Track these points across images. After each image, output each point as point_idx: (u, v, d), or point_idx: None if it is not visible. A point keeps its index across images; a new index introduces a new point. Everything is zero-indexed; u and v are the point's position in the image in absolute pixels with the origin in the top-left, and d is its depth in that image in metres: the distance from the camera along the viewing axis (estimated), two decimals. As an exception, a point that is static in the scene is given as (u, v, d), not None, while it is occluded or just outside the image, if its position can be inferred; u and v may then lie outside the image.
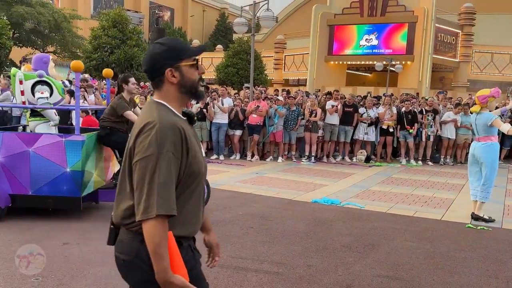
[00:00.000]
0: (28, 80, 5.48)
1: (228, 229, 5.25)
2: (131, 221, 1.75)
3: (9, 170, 5.23)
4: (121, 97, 5.89)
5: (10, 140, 5.22)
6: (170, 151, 1.67)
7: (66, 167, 5.21)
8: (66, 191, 5.23)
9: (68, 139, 5.22)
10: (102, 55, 20.84)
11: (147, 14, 40.76)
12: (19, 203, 5.29)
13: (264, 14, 11.97)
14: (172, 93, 1.83)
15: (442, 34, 28.76)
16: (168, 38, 1.94)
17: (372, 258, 4.51)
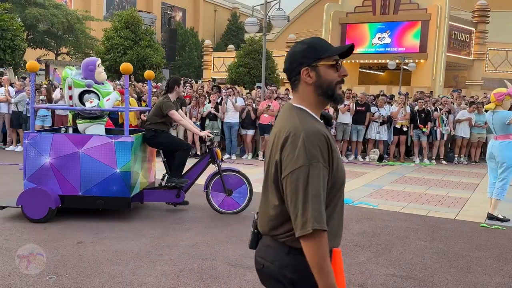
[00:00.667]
0: (76, 88, 5.52)
1: (240, 228, 5.27)
2: (278, 233, 1.72)
3: (59, 171, 5.31)
4: (167, 97, 5.92)
5: (60, 141, 5.31)
6: (319, 161, 1.60)
7: (116, 168, 5.30)
8: (116, 192, 5.31)
9: (118, 140, 5.32)
10: (115, 56, 21.00)
11: (159, 15, 40.97)
12: (68, 204, 5.37)
13: (275, 13, 11.94)
14: (309, 95, 1.75)
15: (455, 32, 28.44)
16: (312, 37, 1.86)
17: (385, 258, 4.48)
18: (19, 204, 5.22)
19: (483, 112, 11.76)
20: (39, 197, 5.18)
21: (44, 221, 5.19)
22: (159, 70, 21.87)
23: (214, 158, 5.90)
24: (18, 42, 15.69)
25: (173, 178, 5.78)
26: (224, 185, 5.89)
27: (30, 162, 5.33)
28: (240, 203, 5.94)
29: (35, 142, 5.32)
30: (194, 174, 5.98)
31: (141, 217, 5.58)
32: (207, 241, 4.78)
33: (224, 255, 4.37)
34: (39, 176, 5.32)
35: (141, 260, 4.15)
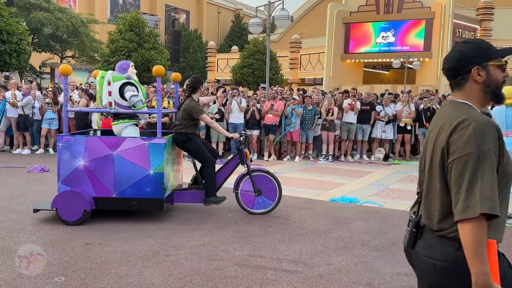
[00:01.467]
0: (116, 82, 5.54)
1: (246, 229, 5.28)
2: (446, 226, 1.71)
3: (93, 174, 5.36)
4: (193, 100, 5.88)
5: (94, 144, 5.36)
6: (490, 149, 1.61)
7: (150, 170, 5.34)
8: (150, 193, 5.35)
9: (151, 142, 5.35)
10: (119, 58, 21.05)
11: (163, 17, 41.10)
12: (102, 206, 5.40)
13: (279, 14, 11.95)
14: (475, 93, 1.80)
15: (460, 30, 28.35)
16: (476, 38, 1.97)
17: (392, 256, 4.48)
18: (54, 207, 5.26)
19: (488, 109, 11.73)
20: (74, 200, 5.24)
21: (79, 224, 5.22)
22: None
23: (243, 159, 5.94)
24: (23, 46, 15.81)
25: (210, 198, 5.78)
26: (254, 185, 5.92)
27: (64, 165, 5.38)
28: (270, 203, 5.97)
29: (69, 145, 5.36)
30: (223, 174, 5.99)
31: (148, 218, 5.61)
32: (214, 241, 4.79)
33: (231, 255, 4.38)
34: (73, 178, 5.37)
35: (148, 261, 4.18)
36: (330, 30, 29.89)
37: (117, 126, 5.76)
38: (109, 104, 5.56)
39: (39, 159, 10.19)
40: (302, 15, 41.93)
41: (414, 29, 28.21)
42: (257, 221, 5.61)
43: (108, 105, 5.57)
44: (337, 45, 29.86)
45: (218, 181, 5.96)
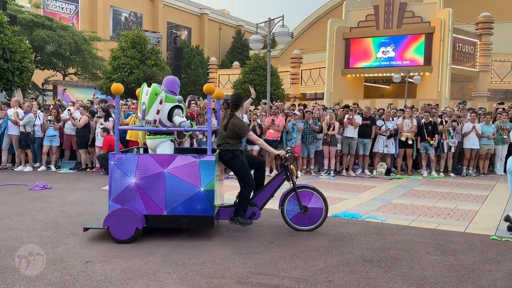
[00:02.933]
0: (168, 103, 5.56)
1: (248, 245, 5.25)
2: None
3: (144, 191, 5.36)
4: (237, 117, 5.81)
5: (145, 162, 5.36)
6: None
7: (200, 187, 5.35)
8: (200, 210, 5.35)
9: (202, 159, 5.36)
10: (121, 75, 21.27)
11: (165, 34, 41.52)
12: (153, 224, 5.39)
13: (279, 30, 12.06)
14: None
15: (460, 44, 28.51)
16: None
17: (395, 272, 4.44)
18: (106, 225, 5.26)
19: (490, 123, 11.74)
20: (126, 218, 5.24)
21: (130, 242, 5.21)
22: (165, 88, 22.03)
23: (289, 176, 5.90)
24: (26, 64, 15.93)
25: (238, 217, 5.74)
26: (300, 201, 5.88)
27: (115, 183, 5.37)
28: (316, 220, 5.92)
29: (121, 163, 5.36)
30: (269, 191, 5.91)
31: (149, 235, 5.58)
32: (215, 258, 4.76)
33: (232, 273, 4.34)
34: (124, 196, 5.36)
35: (149, 279, 4.14)
36: (331, 46, 30.12)
37: (153, 141, 5.75)
38: (154, 121, 5.58)
39: (41, 177, 10.20)
40: (302, 31, 42.28)
41: (414, 44, 28.40)
42: (259, 238, 5.58)
43: (153, 122, 5.59)
44: (337, 60, 30.04)
45: (263, 198, 5.88)
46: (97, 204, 7.49)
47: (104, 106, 12.09)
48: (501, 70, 29.64)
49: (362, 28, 29.73)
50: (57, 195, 8.19)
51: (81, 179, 10.29)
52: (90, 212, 6.84)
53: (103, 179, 10.15)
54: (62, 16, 35.65)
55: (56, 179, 10.03)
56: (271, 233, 5.81)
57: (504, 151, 11.90)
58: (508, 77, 29.62)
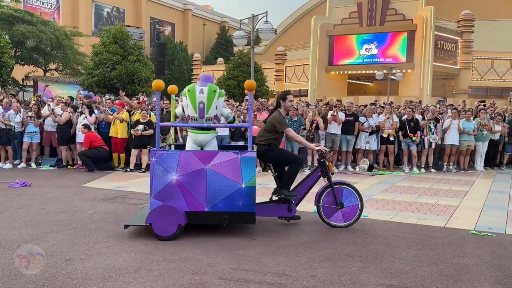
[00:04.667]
0: (221, 97, 5.69)
1: (231, 242, 5.24)
2: None
3: (185, 188, 5.34)
4: (279, 113, 5.92)
5: (187, 158, 5.35)
6: None
7: (242, 183, 5.35)
8: (242, 207, 5.35)
9: (243, 155, 5.37)
10: (103, 71, 20.99)
11: (148, 30, 41.10)
12: (194, 220, 5.37)
13: (263, 26, 12.06)
14: None
15: (441, 42, 28.89)
16: None
17: (376, 267, 4.48)
18: (149, 222, 5.23)
19: (471, 120, 11.93)
20: (169, 215, 5.23)
21: (172, 239, 5.21)
22: (148, 84, 21.86)
23: (325, 172, 5.92)
24: (5, 59, 15.64)
25: (283, 190, 5.77)
26: (336, 198, 5.91)
27: (156, 180, 5.34)
28: (351, 216, 5.94)
29: (162, 160, 5.33)
30: (304, 188, 5.95)
31: (130, 233, 5.54)
32: (198, 255, 4.75)
33: (214, 269, 4.34)
34: (165, 193, 5.33)
35: (130, 276, 4.11)
36: (314, 43, 30.22)
37: (207, 136, 5.75)
38: (213, 117, 5.66)
39: (21, 174, 10.04)
40: (286, 28, 42.32)
41: (397, 41, 28.68)
42: (241, 234, 5.58)
43: (213, 118, 5.65)
44: (321, 57, 30.17)
45: (299, 194, 5.91)
46: (79, 201, 7.40)
47: (87, 102, 11.95)
48: (482, 68, 30.14)
49: (345, 25, 29.90)
50: (38, 193, 8.07)
51: (62, 176, 10.15)
52: (71, 210, 6.76)
53: (84, 176, 10.04)
54: (42, 10, 35.04)
55: (37, 176, 9.88)
56: (254, 229, 5.82)
57: (485, 147, 12.10)
58: (488, 74, 30.13)
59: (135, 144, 10.81)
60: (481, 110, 12.48)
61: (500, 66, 29.90)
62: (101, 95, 18.60)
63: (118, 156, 11.27)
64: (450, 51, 29.62)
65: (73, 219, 6.18)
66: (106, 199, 7.61)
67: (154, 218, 5.23)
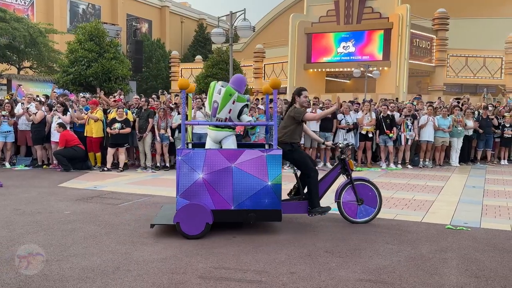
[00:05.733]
0: (239, 103, 5.65)
1: (211, 240, 5.23)
2: None
3: (212, 186, 5.34)
4: (295, 107, 6.00)
5: (213, 157, 5.35)
6: None
7: (268, 181, 5.37)
8: (268, 204, 5.38)
9: (269, 153, 5.40)
10: (79, 69, 20.61)
11: (125, 27, 40.58)
12: (220, 218, 5.37)
13: (241, 24, 12.04)
14: None
15: (417, 40, 29.34)
16: None
17: (355, 263, 4.53)
18: (176, 221, 5.23)
19: (447, 117, 12.15)
20: (196, 213, 5.25)
21: (200, 237, 5.21)
22: (125, 82, 21.58)
23: (346, 169, 6.00)
24: (-23, 57, 15.19)
25: (316, 208, 5.79)
26: (357, 194, 5.99)
27: (183, 179, 5.32)
28: (371, 211, 6.05)
29: (188, 158, 5.32)
30: (325, 185, 6.03)
31: (108, 233, 5.47)
32: (177, 254, 4.72)
33: (194, 268, 4.32)
34: (192, 192, 5.33)
35: (108, 277, 4.06)
36: (293, 40, 30.33)
37: (218, 133, 5.77)
38: (225, 119, 5.65)
39: (-6, 174, 9.80)
40: (265, 25, 42.36)
41: (373, 39, 29.01)
42: (221, 232, 5.56)
43: (224, 120, 5.64)
44: (299, 55, 30.30)
45: (320, 191, 5.97)
46: (55, 201, 7.27)
47: (62, 100, 11.72)
48: (456, 65, 30.74)
49: (323, 23, 30.09)
50: (12, 193, 7.89)
51: (37, 176, 9.95)
52: (47, 211, 6.63)
53: (60, 176, 9.86)
54: (16, 7, 34.24)
55: (11, 177, 9.66)
56: (233, 227, 5.81)
57: (459, 143, 12.34)
58: (463, 71, 30.75)
59: (112, 143, 10.66)
60: (455, 106, 12.72)
61: (474, 63, 30.54)
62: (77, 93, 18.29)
63: (94, 156, 11.09)
64: (426, 49, 30.12)
65: (49, 220, 6.06)
66: (83, 199, 7.49)
67: (182, 216, 5.25)
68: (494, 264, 4.55)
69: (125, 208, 6.85)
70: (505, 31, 29.51)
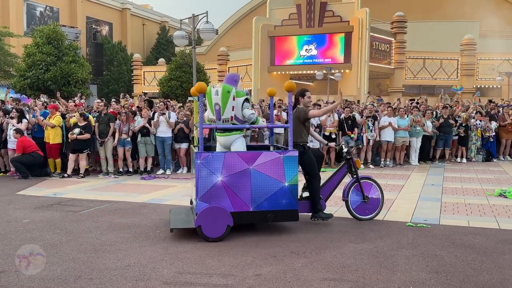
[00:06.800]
0: (239, 97, 5.58)
1: (176, 245, 5.17)
2: None
3: (230, 189, 5.37)
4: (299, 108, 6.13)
5: (232, 159, 5.39)
6: None
7: (285, 182, 5.47)
8: (285, 205, 5.49)
9: (286, 155, 5.50)
10: (37, 73, 20.01)
11: (84, 29, 39.58)
12: (239, 220, 5.40)
13: (203, 26, 11.99)
14: None
15: (377, 43, 30.04)
16: None
17: (319, 262, 4.59)
18: (198, 225, 5.25)
19: (404, 117, 12.49)
20: (217, 216, 5.28)
21: (221, 239, 5.26)
22: (85, 85, 21.08)
23: (352, 169, 6.18)
24: None
25: (319, 213, 5.93)
26: (363, 192, 6.20)
27: (202, 182, 5.34)
28: (375, 209, 6.28)
29: (207, 162, 5.34)
30: (332, 184, 6.21)
31: (69, 241, 5.32)
32: (141, 261, 4.64)
33: (159, 274, 4.26)
34: (211, 195, 5.35)
35: (69, 286, 3.94)
36: (256, 43, 30.46)
37: (228, 138, 5.73)
38: (231, 118, 5.57)
39: None
40: (228, 28, 42.36)
41: (335, 42, 29.51)
42: (186, 237, 5.51)
43: (230, 119, 5.57)
44: (263, 58, 30.45)
45: (328, 191, 6.18)
46: (13, 210, 7.00)
47: (17, 106, 11.32)
48: (414, 67, 31.67)
49: (286, 27, 30.36)
50: None
51: (-7, 184, 9.56)
52: (5, 220, 6.38)
53: (18, 184, 9.52)
54: (-33, 9, 32.80)
55: (-36, 186, 9.24)
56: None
57: (418, 142, 12.70)
58: (420, 73, 31.70)
59: (72, 149, 10.38)
60: (414, 107, 13.10)
61: (432, 65, 31.55)
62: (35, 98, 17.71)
63: (54, 162, 10.77)
64: (385, 52, 30.89)
65: (7, 229, 5.84)
66: (42, 207, 7.25)
67: (203, 220, 5.26)
68: (453, 259, 4.71)
69: (86, 215, 6.68)
70: (460, 33, 30.65)
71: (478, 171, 11.48)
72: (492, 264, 4.56)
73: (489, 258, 4.74)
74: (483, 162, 13.40)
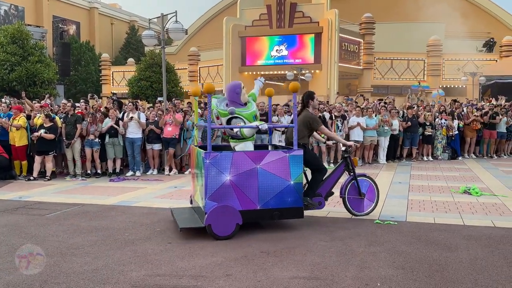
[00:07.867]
0: (223, 117, 5.73)
1: (145, 247, 5.11)
2: None
3: (238, 188, 5.47)
4: (310, 112, 6.25)
5: (239, 159, 5.48)
6: None
7: (290, 180, 5.61)
8: (291, 202, 5.64)
9: (291, 154, 5.63)
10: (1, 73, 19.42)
11: (51, 29, 38.64)
12: (247, 218, 5.50)
13: (173, 26, 11.88)
14: None
15: (346, 43, 30.46)
16: None
17: (289, 261, 4.63)
18: (208, 223, 5.32)
19: (372, 116, 12.72)
20: (227, 214, 5.37)
21: (230, 238, 5.36)
22: (52, 86, 20.59)
23: (349, 167, 6.36)
24: None
25: (307, 197, 6.02)
26: (360, 189, 6.39)
27: (211, 181, 5.40)
28: (371, 204, 6.53)
29: (216, 162, 5.41)
30: (331, 181, 6.34)
31: (35, 245, 5.18)
32: (109, 264, 4.57)
33: (127, 277, 4.20)
34: (219, 194, 5.42)
35: (35, 292, 3.85)
36: (227, 43, 30.42)
37: (240, 145, 5.87)
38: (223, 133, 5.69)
39: None
40: (199, 28, 42.14)
41: (305, 43, 29.77)
42: (156, 238, 5.46)
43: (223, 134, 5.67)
44: (234, 58, 30.43)
45: (327, 188, 6.28)
46: (-26, 215, 6.77)
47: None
48: (382, 68, 32.27)
49: (256, 27, 30.43)
50: None
51: (-46, 188, 9.22)
52: (-35, 225, 6.17)
53: (-19, 188, 9.22)
54: None
55: None
56: (169, 233, 5.73)
57: (386, 142, 12.96)
58: (388, 73, 32.33)
59: (38, 151, 10.12)
60: (382, 107, 13.36)
61: (399, 66, 32.21)
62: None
63: (20, 164, 10.47)
64: (354, 52, 31.36)
65: (-33, 235, 5.64)
66: (7, 211, 7.04)
67: (213, 219, 5.33)
68: (419, 255, 4.83)
69: (53, 219, 6.53)
70: (426, 35, 31.40)
71: (443, 169, 11.80)
72: (456, 259, 4.70)
73: (453, 253, 4.88)
74: (449, 160, 13.77)
